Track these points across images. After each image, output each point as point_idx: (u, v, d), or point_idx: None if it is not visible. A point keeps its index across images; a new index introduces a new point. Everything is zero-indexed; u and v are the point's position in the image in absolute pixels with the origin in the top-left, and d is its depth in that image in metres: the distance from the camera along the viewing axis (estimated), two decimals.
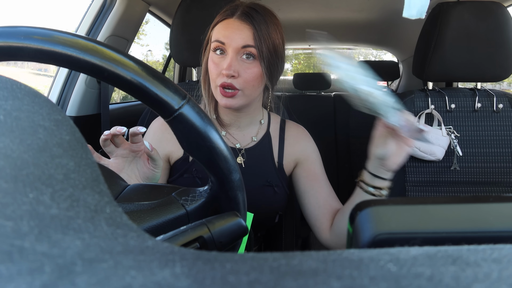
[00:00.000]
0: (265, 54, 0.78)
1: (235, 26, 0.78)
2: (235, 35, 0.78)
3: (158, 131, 0.91)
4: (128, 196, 0.44)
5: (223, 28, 0.79)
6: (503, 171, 1.19)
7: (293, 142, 0.93)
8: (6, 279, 0.11)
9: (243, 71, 0.78)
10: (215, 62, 0.80)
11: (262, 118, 0.93)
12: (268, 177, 0.89)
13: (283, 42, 0.84)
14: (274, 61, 0.81)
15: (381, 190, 0.74)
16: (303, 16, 2.05)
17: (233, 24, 0.79)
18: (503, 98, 1.21)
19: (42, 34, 0.33)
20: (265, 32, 0.79)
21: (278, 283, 0.11)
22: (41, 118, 0.20)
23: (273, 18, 0.83)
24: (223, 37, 0.78)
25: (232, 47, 0.78)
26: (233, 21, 0.79)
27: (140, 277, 0.11)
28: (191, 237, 0.37)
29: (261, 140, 0.91)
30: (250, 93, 0.81)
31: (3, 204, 0.14)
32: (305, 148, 0.93)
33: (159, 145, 0.89)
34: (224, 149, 0.39)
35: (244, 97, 0.81)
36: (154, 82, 0.35)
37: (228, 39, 0.78)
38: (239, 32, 0.78)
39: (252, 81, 0.79)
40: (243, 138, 0.91)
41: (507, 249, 0.14)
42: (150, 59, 4.18)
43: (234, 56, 0.78)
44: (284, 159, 0.92)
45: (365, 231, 0.21)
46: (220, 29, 0.80)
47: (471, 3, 1.15)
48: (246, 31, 0.78)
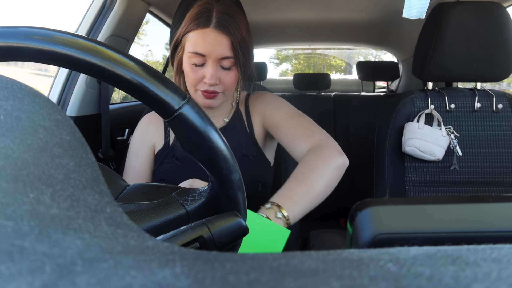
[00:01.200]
0: (241, 60, 0.82)
1: (212, 37, 0.79)
2: (214, 46, 0.79)
3: (144, 126, 0.98)
4: (128, 196, 0.44)
5: (201, 39, 0.79)
6: (503, 171, 1.19)
7: (256, 109, 0.96)
8: (7, 279, 0.11)
9: (223, 78, 0.83)
10: (194, 70, 0.82)
11: (233, 101, 0.98)
12: (243, 149, 0.93)
13: (249, 32, 0.86)
14: (248, 59, 0.85)
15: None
16: (303, 16, 2.05)
17: (210, 35, 0.79)
18: (502, 98, 1.21)
19: (42, 34, 0.33)
20: (239, 37, 0.80)
21: (278, 283, 0.11)
22: (41, 118, 0.20)
23: (239, 14, 0.84)
24: (202, 50, 0.79)
25: (212, 59, 0.80)
26: (210, 32, 0.79)
27: (140, 277, 0.11)
28: (191, 237, 0.37)
29: (232, 119, 0.96)
30: (229, 93, 0.87)
31: (3, 204, 0.14)
32: (263, 107, 0.95)
33: (145, 137, 0.96)
34: (224, 149, 0.39)
35: (224, 97, 0.87)
36: (154, 82, 0.35)
37: (208, 51, 0.79)
38: (218, 43, 0.79)
39: (231, 84, 0.85)
40: (216, 121, 0.96)
41: (506, 249, 0.14)
42: (150, 59, 4.18)
43: (215, 66, 0.81)
44: (254, 129, 0.95)
45: (365, 231, 0.21)
46: (197, 39, 0.79)
47: (471, 3, 1.15)
48: (224, 41, 0.79)
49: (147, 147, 0.97)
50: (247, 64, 0.85)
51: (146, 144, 0.97)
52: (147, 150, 0.97)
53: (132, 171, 0.95)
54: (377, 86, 3.19)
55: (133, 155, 0.96)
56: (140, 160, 0.95)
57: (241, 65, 0.83)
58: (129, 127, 1.49)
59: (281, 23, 2.18)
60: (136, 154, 0.96)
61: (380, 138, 1.25)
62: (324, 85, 2.72)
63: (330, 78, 2.76)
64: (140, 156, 0.96)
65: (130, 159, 0.96)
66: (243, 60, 0.83)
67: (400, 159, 1.23)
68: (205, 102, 0.85)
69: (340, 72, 9.41)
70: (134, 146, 0.97)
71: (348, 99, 2.16)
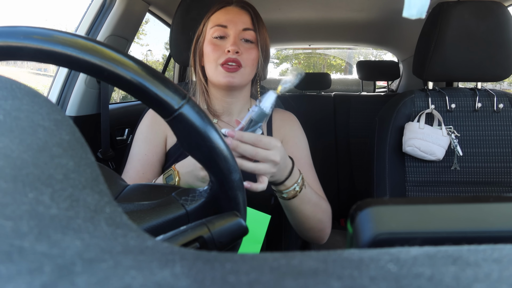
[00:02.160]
0: (262, 40, 0.86)
1: (235, 11, 0.86)
2: (236, 18, 0.85)
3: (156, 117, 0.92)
4: (128, 196, 0.44)
5: (223, 14, 0.86)
6: (503, 171, 1.19)
7: (280, 124, 0.96)
8: (6, 279, 0.11)
9: (244, 51, 0.84)
10: (216, 44, 0.85)
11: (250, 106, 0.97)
12: None
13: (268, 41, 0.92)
14: (267, 50, 0.90)
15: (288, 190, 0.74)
16: (303, 16, 2.05)
17: (232, 10, 0.86)
18: (503, 98, 1.21)
19: (41, 34, 0.33)
20: (260, 19, 0.88)
21: (278, 283, 0.11)
22: (40, 118, 0.20)
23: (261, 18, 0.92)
24: (224, 21, 0.85)
25: (234, 29, 0.84)
26: (232, 8, 0.87)
27: (140, 277, 0.11)
28: (191, 237, 0.37)
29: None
30: (249, 72, 0.87)
31: (2, 204, 0.14)
32: (290, 130, 0.96)
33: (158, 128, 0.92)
34: (224, 149, 0.39)
35: (244, 75, 0.85)
36: (154, 82, 0.35)
37: (230, 22, 0.84)
38: (239, 16, 0.85)
39: (252, 60, 0.85)
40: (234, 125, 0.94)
41: (507, 249, 0.14)
42: (150, 59, 4.18)
43: (237, 36, 0.84)
44: None
45: (365, 231, 0.21)
46: (220, 15, 0.86)
47: (471, 2, 1.15)
48: (245, 16, 0.86)
49: (159, 138, 0.92)
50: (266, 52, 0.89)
51: (158, 135, 0.92)
52: (160, 141, 0.92)
53: (143, 158, 0.89)
54: (378, 86, 3.19)
55: (142, 142, 0.91)
56: (152, 150, 0.90)
57: (261, 45, 0.86)
58: (129, 127, 1.49)
59: (281, 23, 2.18)
60: (146, 142, 0.91)
61: (380, 138, 1.25)
62: (324, 85, 2.72)
63: (330, 78, 2.76)
64: (152, 146, 0.91)
65: (139, 146, 0.91)
66: (263, 43, 0.86)
67: (401, 159, 1.23)
68: (226, 78, 0.83)
69: (340, 72, 9.41)
70: (144, 134, 0.92)
71: (348, 99, 2.16)
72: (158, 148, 0.91)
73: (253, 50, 0.85)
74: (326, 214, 0.85)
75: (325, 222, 0.85)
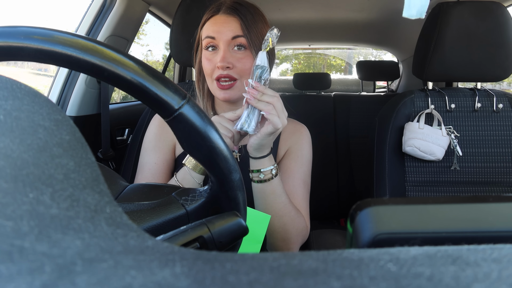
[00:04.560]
0: (255, 43, 0.81)
1: (222, 20, 0.81)
2: (224, 28, 0.80)
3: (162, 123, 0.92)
4: (128, 196, 0.44)
5: (211, 24, 0.82)
6: (503, 171, 1.19)
7: (288, 136, 0.95)
8: (6, 279, 0.11)
9: (237, 62, 0.80)
10: (208, 58, 0.82)
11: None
12: None
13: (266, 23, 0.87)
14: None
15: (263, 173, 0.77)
16: (303, 16, 2.05)
17: (219, 18, 0.82)
18: (503, 98, 1.21)
19: (42, 34, 0.33)
20: (251, 21, 0.82)
21: (278, 283, 0.11)
22: (41, 118, 0.20)
23: (257, 10, 0.86)
24: (212, 32, 0.81)
25: (222, 40, 0.80)
26: (220, 16, 0.82)
27: (140, 277, 0.11)
28: (191, 237, 0.37)
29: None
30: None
31: (3, 204, 0.14)
32: (296, 143, 0.94)
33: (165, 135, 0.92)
34: (224, 149, 0.39)
35: (242, 87, 0.82)
36: (154, 82, 0.35)
37: (218, 33, 0.80)
38: (227, 24, 0.81)
39: (247, 69, 0.81)
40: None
41: (507, 249, 0.14)
42: (150, 59, 4.18)
43: (226, 48, 0.80)
44: (278, 149, 0.94)
45: (365, 231, 0.21)
46: (209, 26, 0.83)
47: (471, 3, 1.15)
48: (233, 23, 0.81)
49: (168, 145, 0.92)
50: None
51: (166, 143, 0.92)
52: (169, 148, 0.92)
53: (153, 167, 0.89)
54: (377, 86, 3.19)
55: (151, 151, 0.91)
56: (161, 158, 0.90)
57: (255, 48, 0.80)
58: (129, 127, 1.49)
59: (281, 23, 2.18)
60: (155, 151, 0.91)
61: (380, 138, 1.25)
62: (324, 85, 2.72)
63: (330, 78, 2.76)
64: (161, 154, 0.91)
65: (148, 156, 0.91)
66: (258, 45, 0.81)
67: (400, 159, 1.23)
68: (222, 95, 0.81)
69: (340, 72, 9.40)
70: (152, 143, 0.92)
71: (348, 99, 2.16)
72: (167, 155, 0.92)
73: (246, 58, 0.81)
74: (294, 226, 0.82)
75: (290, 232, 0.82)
